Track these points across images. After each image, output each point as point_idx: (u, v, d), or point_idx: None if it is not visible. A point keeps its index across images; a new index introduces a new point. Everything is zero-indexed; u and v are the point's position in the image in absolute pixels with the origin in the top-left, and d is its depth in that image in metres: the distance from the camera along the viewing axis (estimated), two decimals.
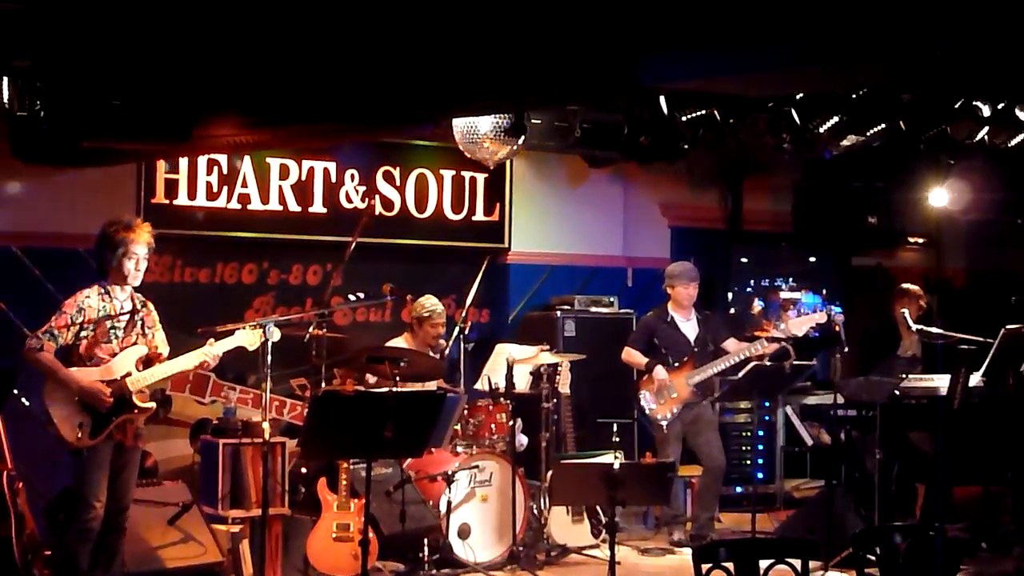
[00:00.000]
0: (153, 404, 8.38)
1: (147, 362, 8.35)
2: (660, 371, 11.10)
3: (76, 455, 8.15)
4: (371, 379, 10.08)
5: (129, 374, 8.22)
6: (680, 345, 11.26)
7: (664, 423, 11.10)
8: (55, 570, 8.51)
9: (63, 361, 8.12)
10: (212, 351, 8.45)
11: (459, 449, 10.23)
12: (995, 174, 12.50)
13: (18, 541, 8.73)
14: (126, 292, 8.37)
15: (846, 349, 10.49)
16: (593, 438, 11.26)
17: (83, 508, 8.13)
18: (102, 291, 8.29)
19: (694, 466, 11.51)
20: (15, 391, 9.11)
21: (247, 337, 8.59)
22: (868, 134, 10.73)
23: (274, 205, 11.41)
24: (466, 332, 11.05)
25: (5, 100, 8.43)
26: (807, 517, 10.79)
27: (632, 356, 11.36)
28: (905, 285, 11.77)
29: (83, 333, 8.16)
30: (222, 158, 11.07)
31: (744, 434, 12.75)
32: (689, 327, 11.34)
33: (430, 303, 10.68)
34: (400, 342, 10.66)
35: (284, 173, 11.45)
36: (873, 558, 6.57)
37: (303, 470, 9.85)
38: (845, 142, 10.86)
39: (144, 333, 8.41)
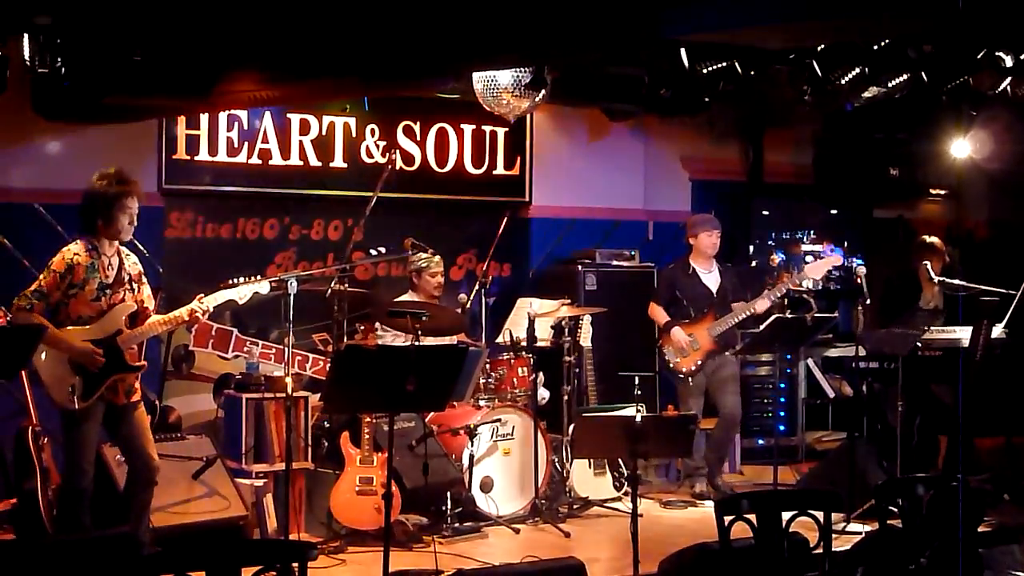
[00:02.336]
0: (145, 363, 8.23)
1: (135, 318, 8.18)
2: (677, 332, 11.09)
3: (67, 416, 7.98)
4: (387, 334, 10.10)
5: (120, 332, 8.06)
6: (701, 296, 11.24)
7: (688, 376, 11.10)
8: (57, 529, 8.45)
9: (51, 321, 7.89)
10: (201, 306, 8.25)
11: (481, 403, 10.26)
12: (1017, 125, 12.43)
13: (43, 495, 8.77)
14: (113, 247, 8.14)
15: (868, 301, 10.47)
16: (615, 391, 11.25)
17: (73, 471, 8.00)
18: (89, 247, 8.05)
19: (714, 419, 11.56)
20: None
21: (237, 291, 8.43)
22: (890, 86, 10.68)
23: (295, 160, 11.41)
24: (487, 286, 11.06)
25: (27, 57, 8.44)
26: (829, 469, 10.80)
27: (655, 313, 11.39)
28: (929, 239, 11.72)
29: (71, 291, 7.95)
30: (243, 114, 11.08)
31: (766, 386, 12.76)
32: (711, 278, 11.32)
33: (432, 254, 10.64)
34: (407, 299, 10.65)
35: (305, 128, 11.46)
36: (895, 509, 6.59)
37: (326, 424, 9.90)
38: (866, 94, 10.81)
39: (131, 288, 8.19)
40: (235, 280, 8.48)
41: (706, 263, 11.34)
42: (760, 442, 12.55)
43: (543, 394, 10.70)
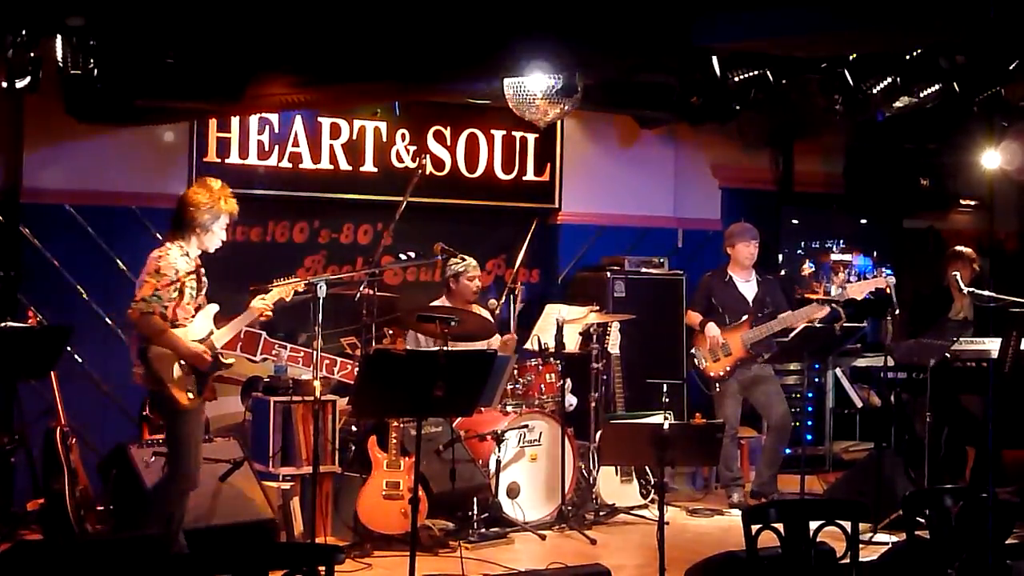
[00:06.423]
0: (234, 359, 8.37)
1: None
2: (712, 328, 11.07)
3: (180, 417, 8.02)
4: (421, 338, 10.12)
5: (211, 332, 8.15)
6: (737, 304, 11.20)
7: (717, 382, 11.08)
8: (112, 525, 8.45)
9: None
10: (265, 303, 8.31)
11: (509, 408, 10.26)
12: None
13: (71, 496, 8.81)
14: (196, 251, 8.20)
15: (897, 311, 10.45)
16: (642, 398, 11.24)
17: (181, 471, 8.03)
18: (184, 252, 8.09)
19: (745, 428, 11.54)
20: (68, 348, 9.19)
21: (284, 289, 8.49)
22: (921, 96, 10.65)
23: (325, 164, 11.43)
24: (516, 292, 11.06)
25: (59, 59, 8.47)
26: (856, 479, 10.76)
27: (690, 319, 11.42)
28: (958, 248, 11.70)
29: (174, 295, 7.99)
30: (274, 117, 11.10)
31: (794, 395, 12.70)
32: (748, 288, 11.27)
33: (461, 259, 10.62)
34: (442, 304, 10.63)
35: (335, 132, 11.47)
36: (923, 520, 6.56)
37: (353, 428, 9.92)
38: (898, 104, 10.78)
39: (203, 292, 8.28)
40: (282, 279, 8.57)
41: (744, 272, 11.31)
42: (787, 451, 12.51)
43: (571, 400, 10.69)
